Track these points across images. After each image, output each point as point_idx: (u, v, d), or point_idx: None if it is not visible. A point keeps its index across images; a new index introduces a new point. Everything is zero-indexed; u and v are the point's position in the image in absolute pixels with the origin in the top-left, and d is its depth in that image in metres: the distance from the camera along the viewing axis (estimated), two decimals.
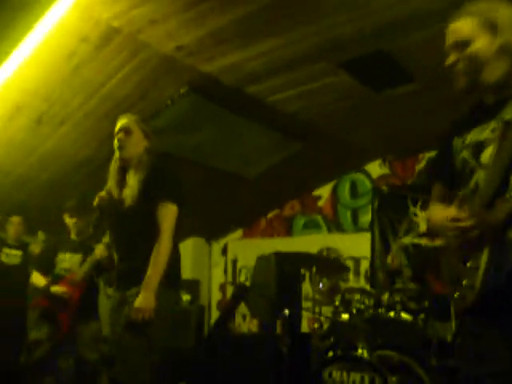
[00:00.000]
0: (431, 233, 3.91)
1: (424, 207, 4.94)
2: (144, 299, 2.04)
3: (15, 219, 4.26)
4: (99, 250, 3.23)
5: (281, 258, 4.29)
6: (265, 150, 4.66)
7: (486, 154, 1.41)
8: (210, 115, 3.89)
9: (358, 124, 4.42)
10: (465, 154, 1.48)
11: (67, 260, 3.49)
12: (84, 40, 2.97)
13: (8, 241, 4.33)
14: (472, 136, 1.47)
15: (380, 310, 2.92)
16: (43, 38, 2.86)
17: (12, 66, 2.97)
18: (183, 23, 2.93)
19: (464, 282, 1.40)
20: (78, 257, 3.46)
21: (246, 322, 5.87)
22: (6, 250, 4.33)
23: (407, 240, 5.05)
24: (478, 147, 1.44)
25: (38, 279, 3.50)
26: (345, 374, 2.64)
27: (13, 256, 4.34)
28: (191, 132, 4.04)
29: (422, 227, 4.97)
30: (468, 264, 1.40)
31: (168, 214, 2.15)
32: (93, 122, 3.62)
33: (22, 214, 4.20)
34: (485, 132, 1.44)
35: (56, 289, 3.38)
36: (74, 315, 3.41)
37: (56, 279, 3.44)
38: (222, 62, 3.35)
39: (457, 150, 1.52)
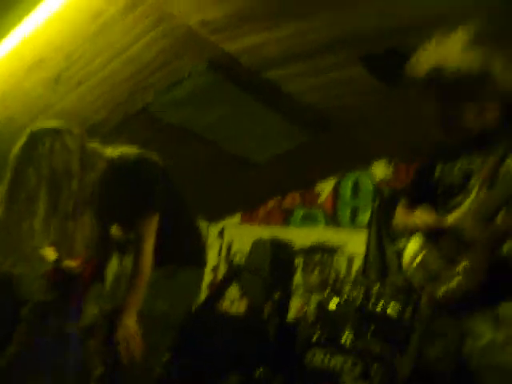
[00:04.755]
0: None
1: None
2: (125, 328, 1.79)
3: None
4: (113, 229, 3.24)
5: (277, 244, 4.35)
6: (275, 138, 4.70)
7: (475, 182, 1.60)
8: (227, 95, 3.93)
9: (369, 121, 4.45)
10: (454, 179, 1.68)
11: None
12: (111, 3, 3.01)
13: None
14: (461, 164, 1.68)
15: (370, 301, 2.98)
16: None
17: (39, 18, 3.02)
18: None
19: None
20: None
21: (234, 307, 5.94)
22: None
23: (402, 244, 5.11)
24: (467, 174, 1.64)
25: (48, 252, 3.52)
26: (328, 356, 2.70)
27: None
28: (207, 109, 4.08)
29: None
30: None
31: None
32: (110, 86, 3.66)
33: None
34: (475, 163, 1.63)
35: (67, 263, 3.40)
36: (84, 290, 3.44)
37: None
38: (245, 42, 3.39)
39: (444, 174, 1.73)
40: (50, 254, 3.53)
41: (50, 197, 1.67)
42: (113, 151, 1.92)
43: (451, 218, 1.61)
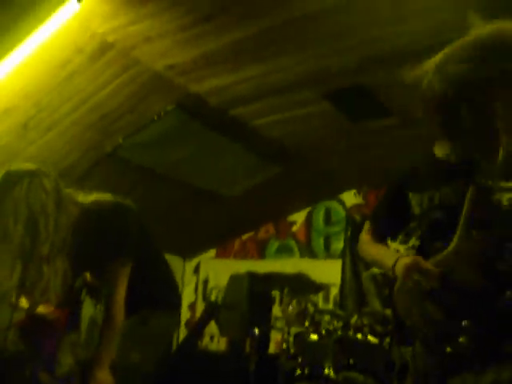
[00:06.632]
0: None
1: (394, 238, 5.10)
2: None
3: None
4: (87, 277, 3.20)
5: (254, 278, 4.37)
6: (244, 172, 4.77)
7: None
8: (194, 134, 3.99)
9: (336, 153, 4.58)
10: (437, 214, 1.48)
11: None
12: (79, 51, 3.06)
13: None
14: (442, 196, 1.47)
15: (348, 332, 3.01)
16: (40, 44, 2.94)
17: (6, 68, 3.03)
18: (177, 43, 3.05)
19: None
20: None
21: (213, 343, 5.86)
22: None
23: (376, 269, 5.18)
24: (452, 210, 1.42)
25: (21, 301, 3.41)
26: None
27: None
28: (174, 148, 4.13)
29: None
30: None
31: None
32: (78, 131, 3.67)
33: None
34: (457, 194, 1.42)
35: (41, 309, 3.31)
36: (60, 337, 3.35)
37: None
38: (211, 83, 3.48)
39: (423, 207, 1.53)
40: (23, 302, 3.43)
41: (28, 238, 1.66)
42: (85, 197, 1.91)
43: (438, 262, 1.40)
